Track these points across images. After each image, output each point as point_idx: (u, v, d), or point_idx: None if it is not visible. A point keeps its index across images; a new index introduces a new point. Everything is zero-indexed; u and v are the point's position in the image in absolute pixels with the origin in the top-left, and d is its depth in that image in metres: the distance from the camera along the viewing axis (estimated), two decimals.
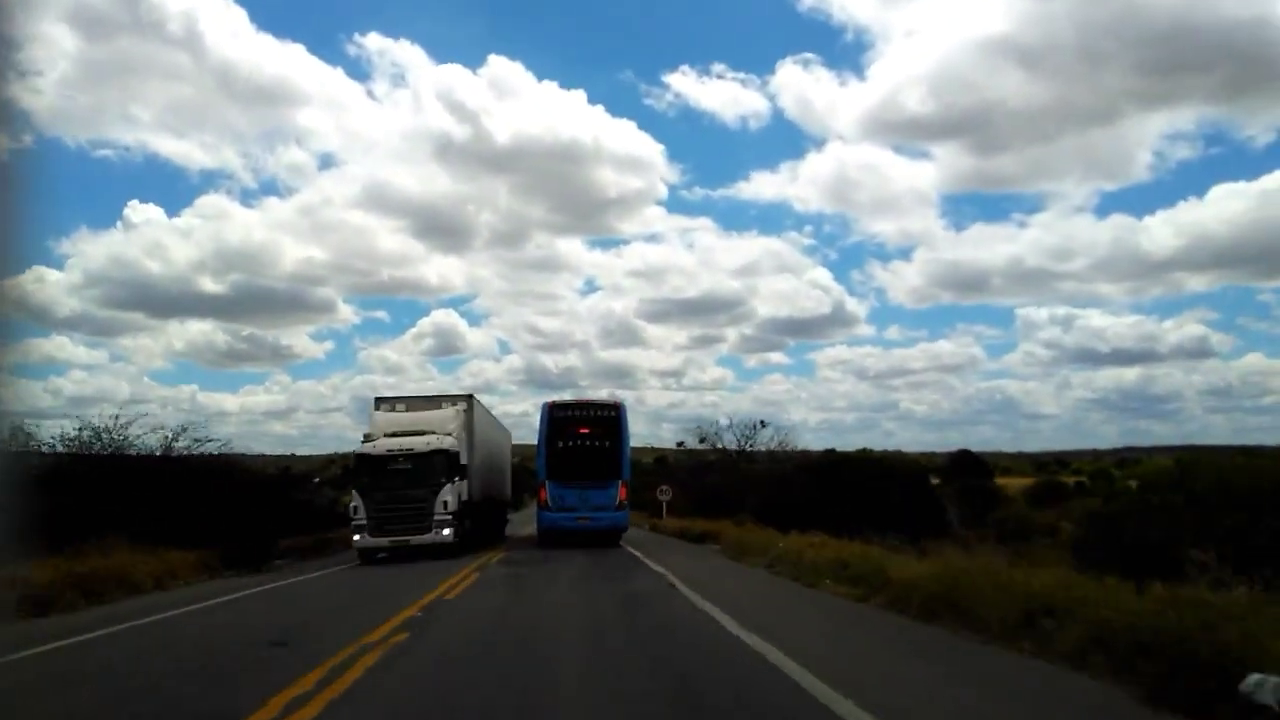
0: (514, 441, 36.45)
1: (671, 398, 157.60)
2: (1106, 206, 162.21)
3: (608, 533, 24.47)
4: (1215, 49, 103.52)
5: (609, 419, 24.62)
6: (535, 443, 25.90)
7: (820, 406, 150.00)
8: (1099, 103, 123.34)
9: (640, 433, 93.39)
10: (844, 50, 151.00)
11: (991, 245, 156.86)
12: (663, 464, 63.96)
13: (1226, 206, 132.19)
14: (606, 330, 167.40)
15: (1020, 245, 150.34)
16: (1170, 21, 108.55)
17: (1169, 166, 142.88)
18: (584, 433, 24.45)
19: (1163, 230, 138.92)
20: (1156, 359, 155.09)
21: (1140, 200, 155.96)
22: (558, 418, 24.57)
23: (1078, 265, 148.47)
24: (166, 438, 23.79)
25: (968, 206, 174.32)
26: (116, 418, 23.06)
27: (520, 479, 47.20)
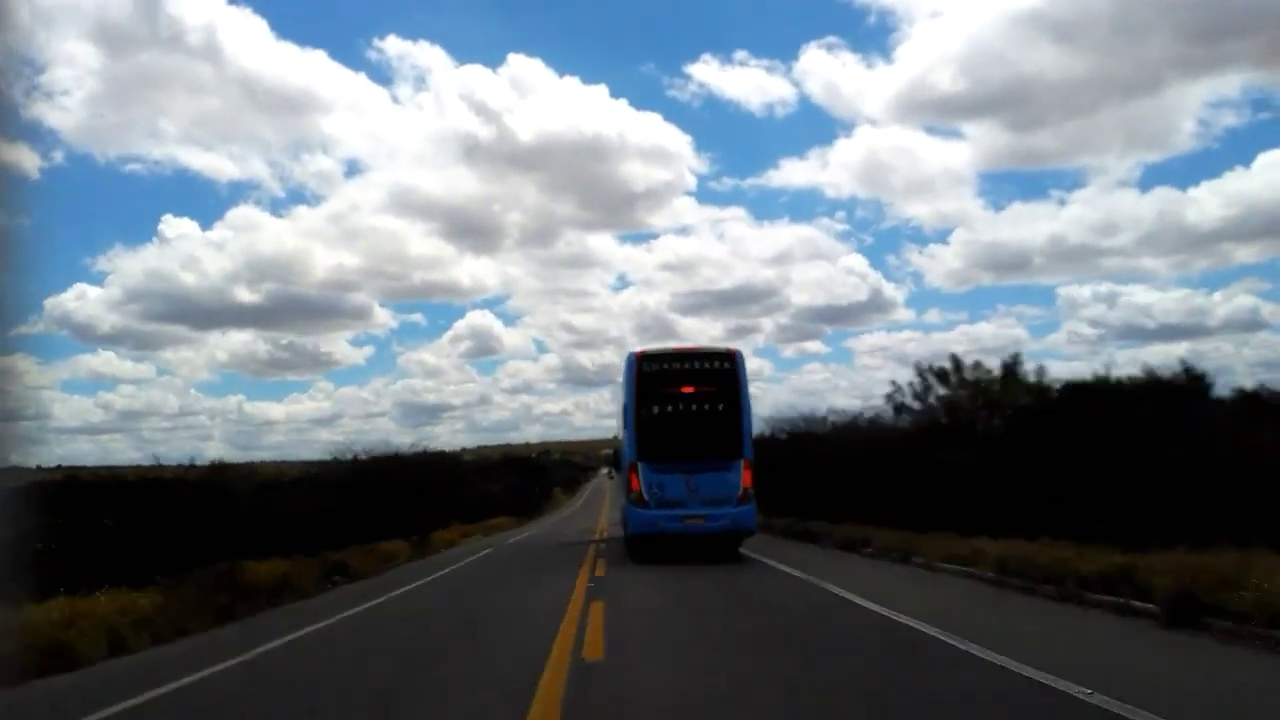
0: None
1: None
2: (1150, 179, 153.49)
3: (727, 537, 17.02)
4: (1259, 10, 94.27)
5: (722, 372, 17.15)
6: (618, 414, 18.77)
7: (860, 395, 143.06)
8: (1139, 72, 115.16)
9: None
10: (869, 33, 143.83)
11: (1031, 224, 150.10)
12: None
13: (1275, 174, 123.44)
14: (641, 325, 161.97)
15: (1061, 222, 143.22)
16: None
17: (1214, 135, 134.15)
18: (688, 393, 17.00)
19: (1210, 201, 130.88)
20: (1205, 333, 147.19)
21: (1185, 171, 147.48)
22: (649, 373, 17.13)
23: (1121, 240, 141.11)
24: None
25: (1006, 185, 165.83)
26: None
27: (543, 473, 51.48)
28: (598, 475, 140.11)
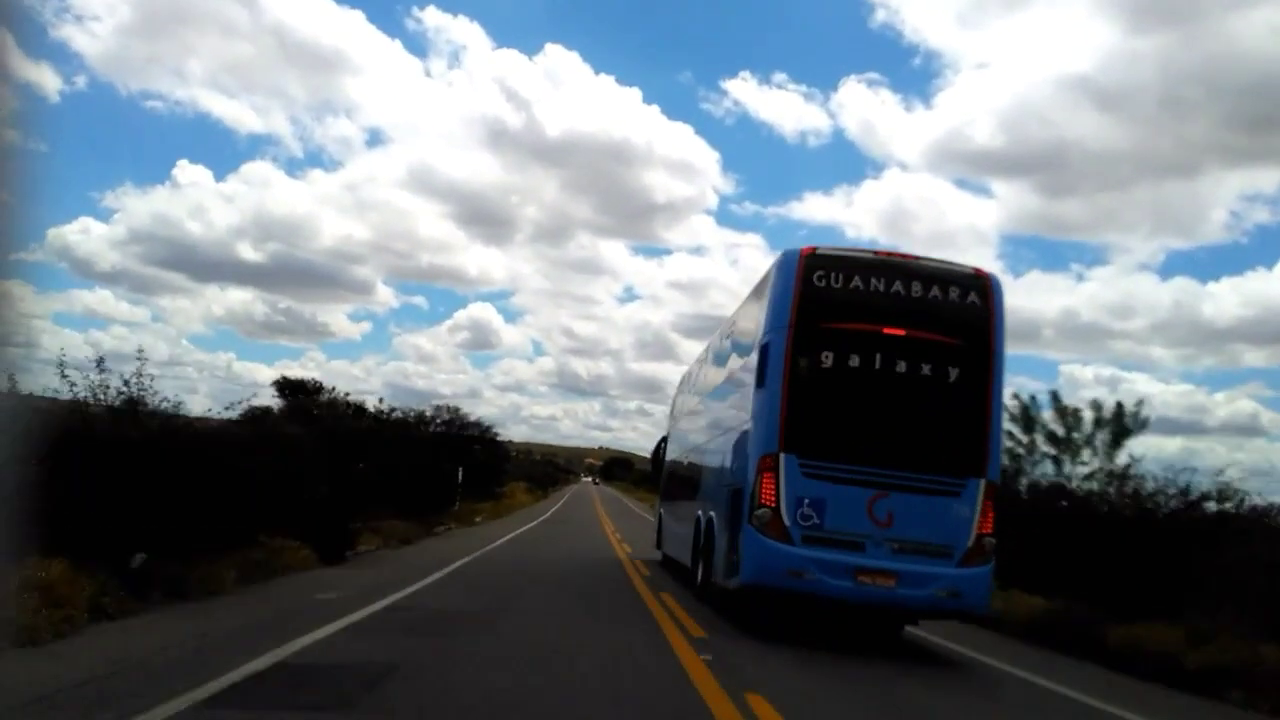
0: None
1: None
2: (1172, 266, 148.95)
3: (921, 613, 9.30)
4: None
5: (963, 312, 9.15)
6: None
7: None
8: (1178, 153, 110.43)
9: None
10: (912, 74, 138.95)
11: (1047, 295, 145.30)
12: None
13: None
14: (641, 341, 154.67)
15: (1077, 297, 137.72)
16: (1263, 73, 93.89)
17: (1244, 228, 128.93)
18: (894, 340, 8.95)
19: (1228, 298, 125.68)
20: (1201, 431, 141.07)
21: (1208, 263, 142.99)
22: (823, 291, 9.06)
23: (1134, 325, 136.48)
24: None
25: (1027, 250, 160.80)
26: None
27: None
28: (579, 481, 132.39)
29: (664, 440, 19.60)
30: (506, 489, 44.79)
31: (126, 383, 9.39)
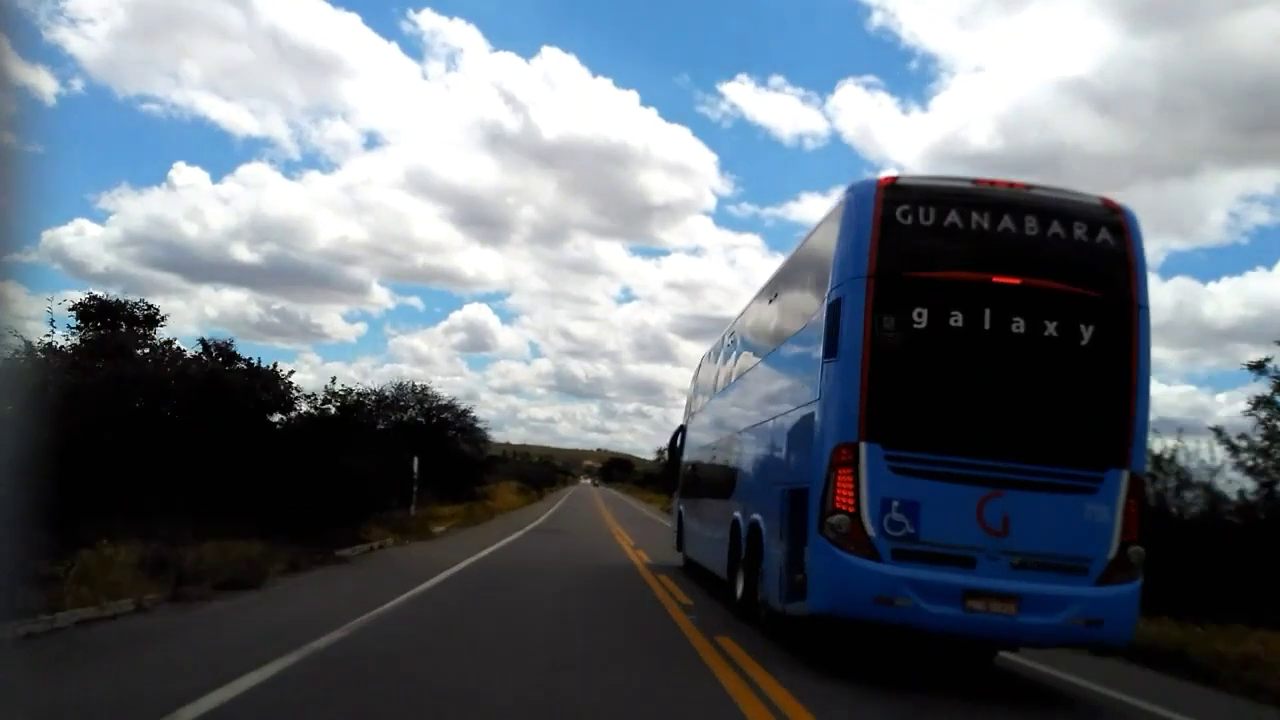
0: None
1: None
2: (1172, 266, 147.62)
3: (1048, 645, 7.35)
4: None
5: (1097, 259, 7.04)
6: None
7: None
8: (1177, 155, 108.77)
9: None
10: (909, 77, 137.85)
11: None
12: None
13: None
14: (639, 343, 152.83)
15: None
16: (1260, 77, 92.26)
17: (1244, 229, 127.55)
18: (1007, 291, 6.92)
19: (1229, 298, 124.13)
20: (1202, 433, 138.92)
21: (1208, 263, 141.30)
22: (908, 230, 7.01)
23: None
24: None
25: None
26: None
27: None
28: (578, 482, 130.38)
29: (681, 431, 17.51)
30: (490, 489, 37.63)
31: None
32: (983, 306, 6.87)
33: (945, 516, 6.61)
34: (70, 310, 16.30)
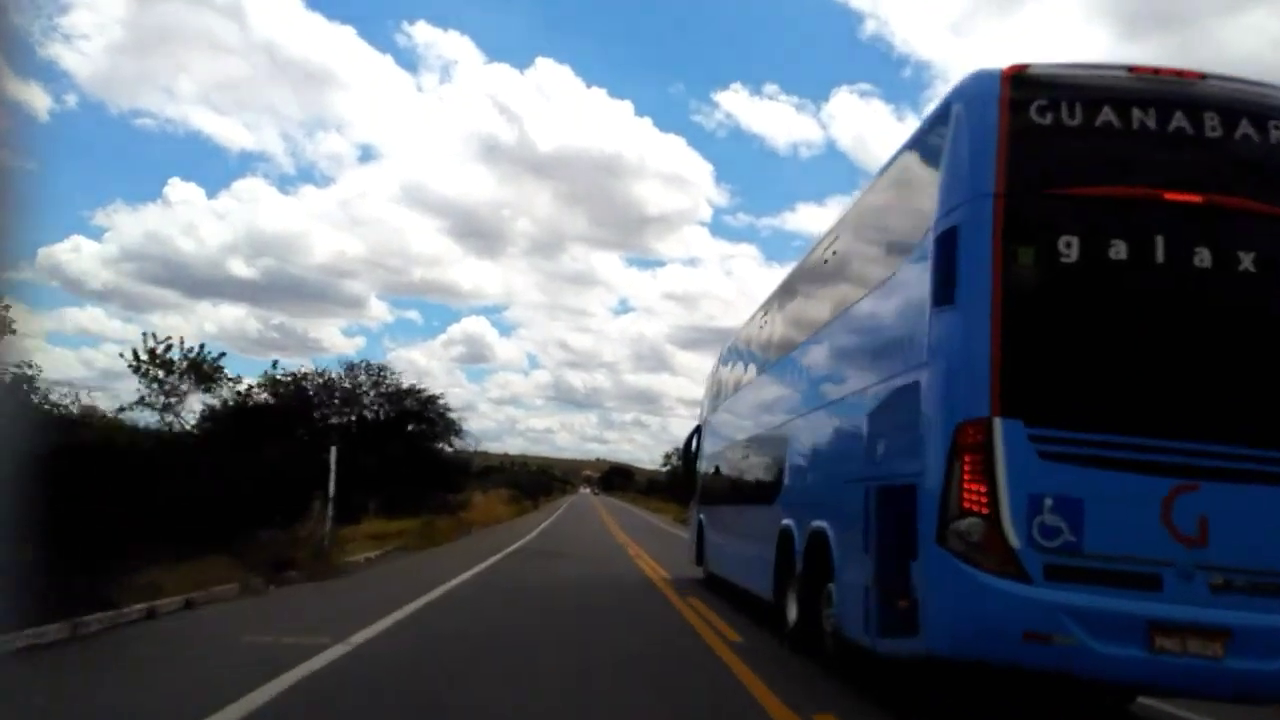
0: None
1: None
2: None
3: (1257, 695, 5.18)
4: None
5: None
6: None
7: None
8: None
9: None
10: (903, 85, 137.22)
11: None
12: None
13: None
14: (637, 354, 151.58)
15: None
16: (1256, 78, 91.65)
17: None
18: (1185, 208, 5.12)
19: None
20: None
21: None
22: (1043, 134, 5.19)
23: None
24: None
25: None
26: None
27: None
28: (577, 492, 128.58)
29: (698, 430, 15.66)
30: (469, 497, 30.67)
31: None
32: (1153, 233, 5.04)
33: (1118, 520, 4.77)
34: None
